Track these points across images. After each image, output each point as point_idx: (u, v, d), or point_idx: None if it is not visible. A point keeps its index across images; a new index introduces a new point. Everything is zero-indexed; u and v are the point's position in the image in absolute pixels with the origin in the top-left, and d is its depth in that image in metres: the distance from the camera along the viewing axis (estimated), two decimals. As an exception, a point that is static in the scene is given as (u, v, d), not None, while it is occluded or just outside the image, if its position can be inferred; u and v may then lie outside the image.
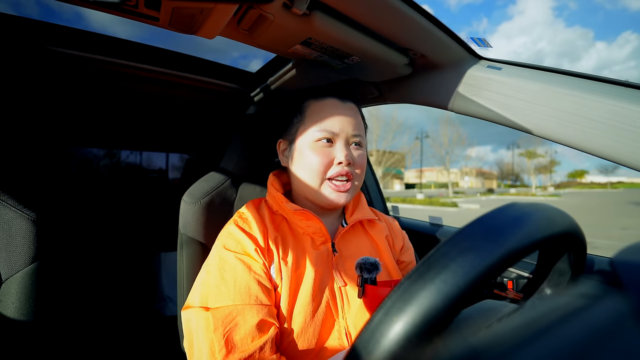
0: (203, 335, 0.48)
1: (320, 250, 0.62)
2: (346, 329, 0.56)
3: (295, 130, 0.65)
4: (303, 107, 0.66)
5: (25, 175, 0.75)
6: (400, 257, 0.73)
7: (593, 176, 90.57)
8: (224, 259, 0.56)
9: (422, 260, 0.24)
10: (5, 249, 0.61)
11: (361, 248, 0.66)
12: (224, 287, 0.52)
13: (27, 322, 0.63)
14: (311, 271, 0.58)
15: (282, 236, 0.61)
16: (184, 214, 0.76)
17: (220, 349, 0.46)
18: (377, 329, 0.22)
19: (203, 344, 0.48)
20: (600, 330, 0.20)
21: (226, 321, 0.49)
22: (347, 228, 0.66)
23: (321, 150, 0.61)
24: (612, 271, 0.27)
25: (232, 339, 0.48)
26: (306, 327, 0.54)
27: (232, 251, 0.56)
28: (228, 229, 0.61)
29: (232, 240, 0.58)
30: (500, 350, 0.19)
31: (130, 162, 2.45)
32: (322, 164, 0.60)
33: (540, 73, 0.59)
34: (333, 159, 0.61)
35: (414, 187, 69.21)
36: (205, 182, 0.80)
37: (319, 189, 0.61)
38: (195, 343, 0.49)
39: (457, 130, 35.28)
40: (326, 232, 0.62)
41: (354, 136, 0.63)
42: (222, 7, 0.47)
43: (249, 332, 0.48)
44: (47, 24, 0.80)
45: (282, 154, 0.70)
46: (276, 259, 0.58)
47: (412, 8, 0.54)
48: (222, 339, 0.47)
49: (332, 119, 0.62)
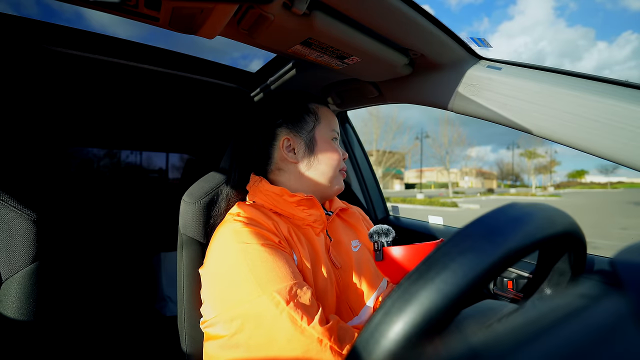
0: (274, 314, 0.47)
1: (320, 237, 0.67)
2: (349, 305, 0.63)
3: (312, 129, 0.70)
4: (314, 109, 0.72)
5: (25, 175, 0.75)
6: None
7: (593, 176, 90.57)
8: (250, 251, 0.53)
9: (423, 260, 0.24)
10: (5, 249, 0.61)
11: (347, 232, 0.75)
12: (267, 273, 0.51)
13: (27, 322, 0.63)
14: (322, 257, 0.63)
15: (291, 228, 0.63)
16: (184, 214, 0.76)
17: (301, 316, 0.47)
18: (377, 329, 0.22)
19: (279, 321, 0.47)
20: (600, 331, 0.20)
21: (292, 294, 0.49)
22: (333, 216, 0.74)
23: (336, 148, 0.72)
24: (612, 271, 0.27)
25: (305, 306, 0.49)
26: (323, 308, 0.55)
27: (254, 243, 0.54)
28: (234, 228, 0.58)
29: (247, 234, 0.56)
30: (500, 350, 0.19)
31: (130, 162, 2.44)
32: (338, 158, 0.71)
33: (540, 73, 0.59)
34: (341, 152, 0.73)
35: (414, 187, 69.16)
36: (205, 182, 0.80)
37: (334, 179, 0.70)
38: (263, 329, 0.47)
39: (457, 130, 35.33)
40: (325, 218, 0.69)
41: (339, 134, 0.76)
42: (222, 7, 0.47)
43: (311, 298, 0.51)
44: (47, 24, 0.80)
45: (285, 150, 0.68)
46: (297, 248, 0.61)
47: (412, 8, 0.54)
48: (297, 308, 0.48)
49: (335, 122, 0.74)
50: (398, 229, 1.20)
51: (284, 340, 0.47)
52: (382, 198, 1.38)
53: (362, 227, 0.79)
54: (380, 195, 1.38)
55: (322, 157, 0.69)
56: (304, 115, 0.70)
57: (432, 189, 62.72)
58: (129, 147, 2.34)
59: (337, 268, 0.66)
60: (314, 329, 0.47)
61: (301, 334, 0.46)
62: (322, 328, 0.47)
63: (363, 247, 0.74)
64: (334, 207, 0.77)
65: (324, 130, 0.71)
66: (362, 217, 0.85)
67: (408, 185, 72.95)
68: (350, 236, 0.74)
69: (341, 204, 0.81)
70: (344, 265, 0.67)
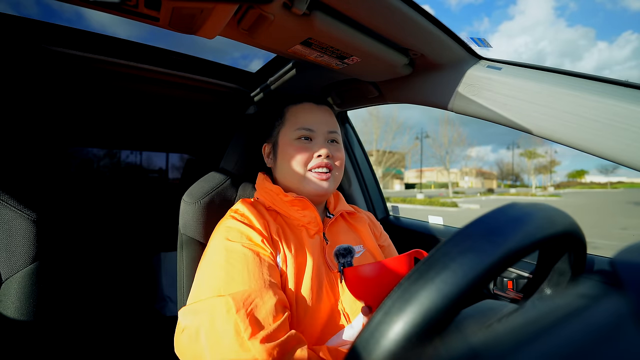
0: (224, 318, 0.47)
1: (315, 239, 0.67)
2: (343, 311, 0.60)
3: (277, 132, 0.74)
4: (283, 112, 0.74)
5: (25, 175, 0.75)
6: (380, 242, 0.81)
7: (593, 176, 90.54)
8: (230, 249, 0.56)
9: (423, 260, 0.24)
10: (5, 249, 0.61)
11: (347, 237, 0.73)
12: (237, 274, 0.52)
13: (27, 322, 0.63)
14: (310, 259, 0.62)
15: (282, 228, 0.66)
16: (184, 214, 0.76)
17: (245, 327, 0.46)
18: (377, 329, 0.22)
19: (226, 326, 0.47)
20: (600, 331, 0.20)
21: (247, 302, 0.49)
22: (333, 219, 0.74)
23: (302, 147, 0.69)
24: (612, 271, 0.27)
25: (255, 318, 0.48)
26: (309, 311, 0.57)
27: (237, 242, 0.57)
28: (226, 224, 0.62)
29: (235, 232, 0.59)
30: (500, 350, 0.19)
31: (130, 162, 2.44)
32: (303, 157, 0.68)
33: (540, 73, 0.58)
34: (313, 153, 0.68)
35: (414, 187, 69.17)
36: (205, 182, 0.80)
37: (303, 178, 0.68)
38: (214, 330, 0.47)
39: (457, 130, 35.32)
40: (320, 220, 0.68)
41: (330, 132, 0.71)
42: (222, 7, 0.47)
43: (269, 311, 0.49)
44: (47, 24, 0.80)
45: (267, 157, 0.78)
46: (281, 248, 0.61)
47: (412, 8, 0.54)
48: (245, 318, 0.47)
49: (310, 118, 0.71)
50: (398, 229, 1.21)
51: (226, 347, 0.46)
52: (382, 198, 1.38)
53: (368, 233, 0.77)
54: (380, 196, 1.38)
55: (285, 159, 0.70)
56: (274, 122, 0.76)
57: (432, 189, 62.72)
58: (129, 147, 2.34)
59: (332, 271, 0.65)
60: (252, 344, 0.45)
61: (239, 346, 0.45)
62: (262, 346, 0.45)
63: (367, 253, 0.72)
64: (337, 210, 0.76)
65: (288, 132, 0.71)
66: (371, 222, 0.84)
67: (408, 185, 72.95)
68: (353, 241, 0.73)
69: (347, 207, 0.80)
70: None
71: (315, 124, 0.70)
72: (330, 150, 0.69)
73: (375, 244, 0.76)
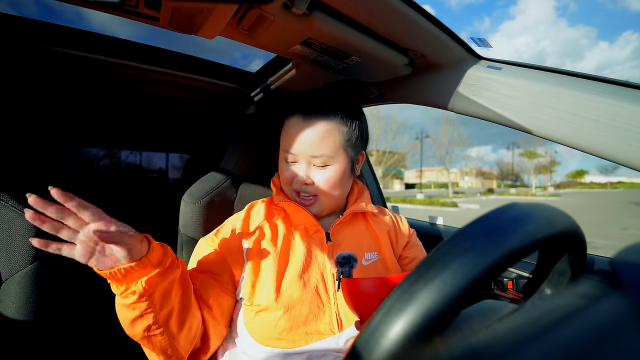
0: None
1: (314, 238, 0.66)
2: (337, 315, 0.59)
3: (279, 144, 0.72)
4: (284, 123, 0.69)
5: (25, 175, 0.75)
6: (404, 253, 0.75)
7: (593, 176, 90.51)
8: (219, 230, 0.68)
9: (422, 260, 0.24)
10: (5, 249, 0.61)
11: (360, 239, 0.69)
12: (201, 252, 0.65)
13: (27, 322, 0.63)
14: (300, 253, 0.63)
15: (281, 220, 0.69)
16: (184, 214, 0.76)
17: None
18: (377, 329, 0.22)
19: None
20: (600, 331, 0.20)
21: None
22: (343, 219, 0.69)
23: (287, 167, 0.67)
24: (612, 271, 0.27)
25: None
26: (294, 305, 0.57)
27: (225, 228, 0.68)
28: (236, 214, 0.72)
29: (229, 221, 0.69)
30: (500, 350, 0.19)
31: (130, 162, 2.44)
32: (287, 178, 0.67)
33: (541, 73, 0.59)
34: (296, 176, 0.65)
35: (414, 187, 69.12)
36: (205, 182, 0.81)
37: (291, 196, 0.69)
38: None
39: (457, 130, 35.30)
40: (316, 223, 0.67)
41: (314, 157, 0.63)
42: (222, 7, 0.47)
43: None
44: (47, 24, 0.80)
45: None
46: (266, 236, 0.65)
47: (412, 8, 0.54)
48: None
49: (293, 140, 0.64)
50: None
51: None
52: (382, 198, 1.38)
53: (386, 239, 0.72)
54: (381, 196, 1.38)
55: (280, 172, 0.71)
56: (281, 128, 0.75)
57: (432, 189, 62.71)
58: (129, 147, 2.34)
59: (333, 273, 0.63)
60: None
61: None
62: None
63: (380, 262, 0.67)
64: (350, 210, 0.70)
65: (281, 148, 0.69)
66: (395, 229, 0.76)
67: (408, 185, 72.93)
68: (367, 245, 0.68)
69: (367, 208, 0.72)
70: None
71: (297, 148, 0.64)
72: (314, 176, 0.64)
73: (392, 253, 0.70)
